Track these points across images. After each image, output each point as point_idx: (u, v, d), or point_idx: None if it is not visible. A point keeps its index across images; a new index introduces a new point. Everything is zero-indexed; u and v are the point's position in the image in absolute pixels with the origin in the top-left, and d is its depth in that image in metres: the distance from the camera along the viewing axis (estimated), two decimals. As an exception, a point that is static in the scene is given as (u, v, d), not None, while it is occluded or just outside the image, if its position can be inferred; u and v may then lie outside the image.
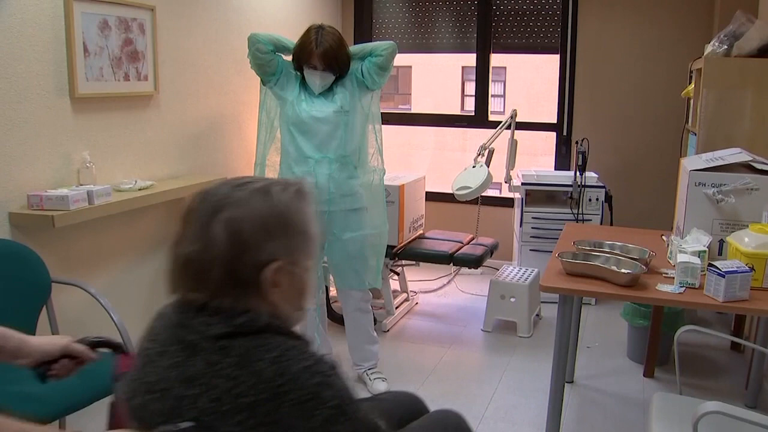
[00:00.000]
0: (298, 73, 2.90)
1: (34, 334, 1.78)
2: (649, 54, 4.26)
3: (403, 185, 3.84)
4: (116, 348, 1.21)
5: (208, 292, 1.00)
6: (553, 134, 4.60)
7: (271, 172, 3.12)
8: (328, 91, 2.88)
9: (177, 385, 0.97)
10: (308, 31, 2.83)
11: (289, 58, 2.92)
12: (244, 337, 0.98)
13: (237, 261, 0.99)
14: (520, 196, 4.06)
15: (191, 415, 0.94)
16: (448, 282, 4.53)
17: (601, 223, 3.95)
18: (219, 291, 1.00)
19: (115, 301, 2.39)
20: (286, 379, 0.94)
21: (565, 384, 2.33)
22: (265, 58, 2.85)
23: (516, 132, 3.89)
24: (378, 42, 2.93)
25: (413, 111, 11.98)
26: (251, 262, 1.00)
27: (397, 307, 3.86)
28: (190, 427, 0.92)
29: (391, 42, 2.91)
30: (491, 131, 3.87)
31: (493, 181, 3.67)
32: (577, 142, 4.04)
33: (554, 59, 4.51)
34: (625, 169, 4.39)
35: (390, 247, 3.63)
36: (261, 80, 2.99)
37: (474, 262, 3.67)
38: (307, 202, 1.08)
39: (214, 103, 3.53)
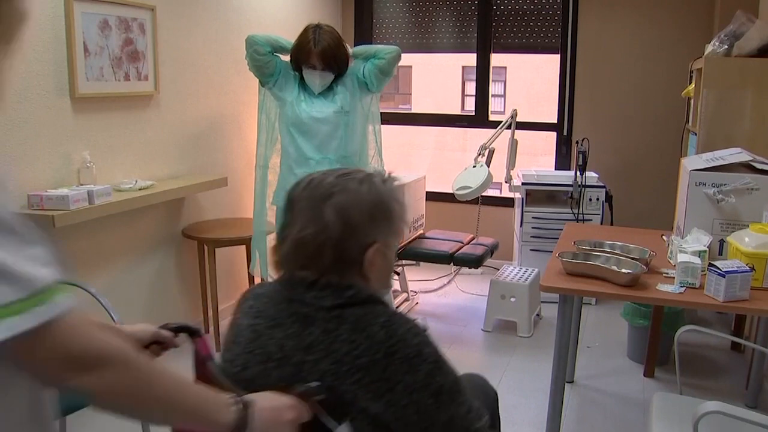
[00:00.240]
0: (297, 74, 2.90)
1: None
2: (649, 54, 4.25)
3: (404, 185, 3.84)
4: (194, 333, 1.24)
5: (318, 271, 1.12)
6: (554, 134, 4.60)
7: (272, 174, 3.11)
8: (328, 91, 2.87)
9: (296, 353, 1.09)
10: (306, 30, 2.82)
11: (287, 58, 2.92)
12: (354, 307, 1.11)
13: (345, 243, 1.11)
14: (520, 196, 4.06)
15: (313, 377, 1.05)
16: (449, 282, 4.53)
17: (601, 223, 3.95)
18: (327, 269, 1.12)
19: (115, 301, 2.39)
20: (396, 340, 1.07)
21: (565, 384, 2.32)
22: (263, 59, 2.85)
23: (516, 132, 3.89)
24: (383, 45, 2.92)
25: (414, 111, 11.98)
26: (357, 244, 1.12)
27: (397, 307, 3.86)
28: (318, 385, 1.04)
29: (396, 47, 2.90)
30: (491, 131, 3.88)
31: (494, 180, 3.67)
32: (577, 142, 4.04)
33: (554, 59, 4.51)
34: (625, 169, 4.39)
35: (390, 247, 3.63)
36: (259, 81, 2.98)
37: (474, 262, 3.67)
38: (401, 192, 1.22)
39: (214, 103, 3.53)
